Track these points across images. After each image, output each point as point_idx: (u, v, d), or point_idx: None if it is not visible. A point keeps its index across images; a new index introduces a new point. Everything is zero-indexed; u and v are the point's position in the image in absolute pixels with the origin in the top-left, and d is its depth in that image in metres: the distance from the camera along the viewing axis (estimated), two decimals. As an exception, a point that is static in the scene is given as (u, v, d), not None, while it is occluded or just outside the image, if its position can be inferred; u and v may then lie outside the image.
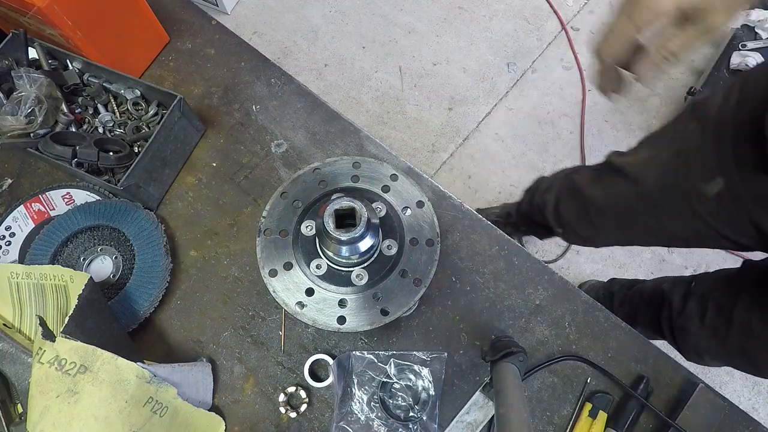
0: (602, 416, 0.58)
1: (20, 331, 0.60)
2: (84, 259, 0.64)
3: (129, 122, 0.70)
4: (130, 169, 0.61)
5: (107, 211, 0.65)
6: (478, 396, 0.59)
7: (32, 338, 0.59)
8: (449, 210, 0.67)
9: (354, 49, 1.66)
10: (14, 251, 0.66)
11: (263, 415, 0.60)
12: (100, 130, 0.70)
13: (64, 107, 0.67)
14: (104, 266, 0.64)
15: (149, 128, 0.70)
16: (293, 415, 0.59)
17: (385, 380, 0.59)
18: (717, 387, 1.31)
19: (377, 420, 0.58)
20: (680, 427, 0.56)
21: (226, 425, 0.59)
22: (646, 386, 0.59)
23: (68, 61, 0.70)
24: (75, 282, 0.58)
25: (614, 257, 1.86)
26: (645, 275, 1.83)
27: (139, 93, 0.70)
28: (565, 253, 1.87)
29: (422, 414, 0.58)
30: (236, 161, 0.71)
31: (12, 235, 0.67)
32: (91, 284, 0.56)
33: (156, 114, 0.71)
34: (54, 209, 0.67)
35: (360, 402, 0.58)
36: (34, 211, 0.67)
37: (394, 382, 0.60)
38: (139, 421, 0.52)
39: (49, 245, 0.64)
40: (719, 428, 0.57)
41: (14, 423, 0.57)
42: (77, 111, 0.69)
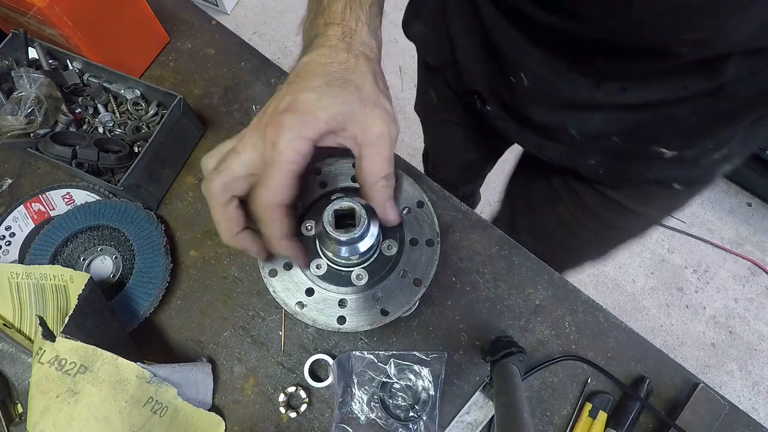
0: (602, 416, 0.58)
1: (20, 331, 0.60)
2: (84, 259, 0.64)
3: (129, 122, 0.70)
4: (130, 169, 0.61)
5: (107, 211, 0.65)
6: (478, 396, 0.59)
7: (32, 338, 0.59)
8: (449, 210, 0.67)
9: (354, 49, 1.66)
10: (14, 251, 0.66)
11: (263, 415, 0.60)
12: (100, 130, 0.70)
13: (64, 107, 0.67)
14: (104, 266, 0.65)
15: (149, 128, 0.70)
16: (293, 415, 0.59)
17: (385, 380, 0.59)
18: (717, 387, 1.31)
19: (377, 420, 0.58)
20: (680, 427, 0.56)
21: (226, 425, 0.59)
22: (646, 386, 0.59)
23: (68, 61, 0.70)
24: (75, 282, 0.58)
25: (614, 257, 1.86)
26: (645, 275, 1.83)
27: (139, 93, 0.70)
28: (565, 253, 1.88)
29: (422, 414, 0.58)
30: (236, 161, 0.71)
31: (12, 235, 0.67)
32: (91, 284, 0.56)
33: (156, 114, 0.71)
34: (54, 209, 0.67)
35: (360, 402, 0.58)
36: (34, 211, 0.67)
37: (394, 382, 0.60)
38: (139, 421, 0.52)
39: (49, 245, 0.64)
40: (719, 428, 0.57)
41: (14, 423, 0.57)
42: (77, 111, 0.69)
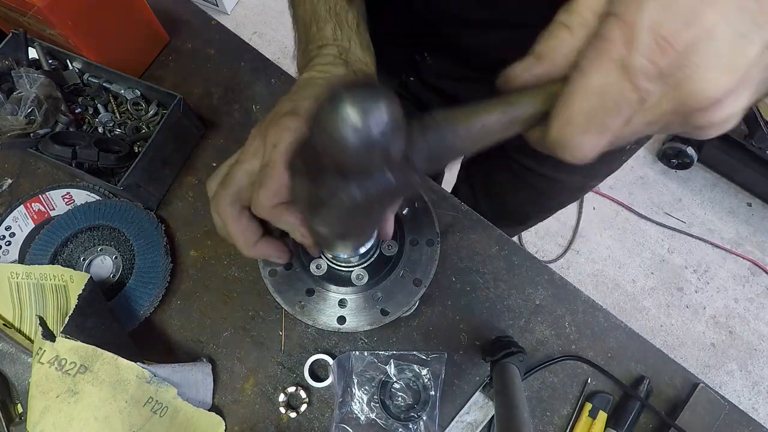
0: (602, 416, 0.58)
1: (20, 331, 0.60)
2: (84, 259, 0.64)
3: (129, 122, 0.70)
4: (130, 169, 0.61)
5: (107, 211, 0.65)
6: (478, 396, 0.59)
7: (32, 338, 0.59)
8: (449, 210, 0.67)
9: (354, 49, 1.66)
10: (14, 251, 0.66)
11: (263, 415, 0.60)
12: (100, 130, 0.70)
13: (64, 107, 0.67)
14: (104, 266, 0.64)
15: (149, 128, 0.70)
16: (293, 415, 0.59)
17: (385, 380, 0.59)
18: (717, 387, 1.31)
19: (377, 420, 0.58)
20: (680, 427, 0.56)
21: (226, 425, 0.59)
22: (646, 386, 0.59)
23: (68, 61, 0.70)
24: (75, 282, 0.58)
25: (614, 257, 1.86)
26: (645, 275, 1.83)
27: (139, 93, 0.70)
28: (565, 253, 1.88)
29: (422, 414, 0.58)
30: (236, 161, 0.71)
31: (12, 235, 0.67)
32: (91, 284, 0.56)
33: (156, 114, 0.71)
34: (54, 209, 0.67)
35: (360, 402, 0.58)
36: (34, 211, 0.67)
37: (394, 382, 0.60)
38: (139, 421, 0.52)
39: (49, 245, 0.64)
40: (719, 428, 0.57)
41: (14, 423, 0.57)
42: (77, 111, 0.69)
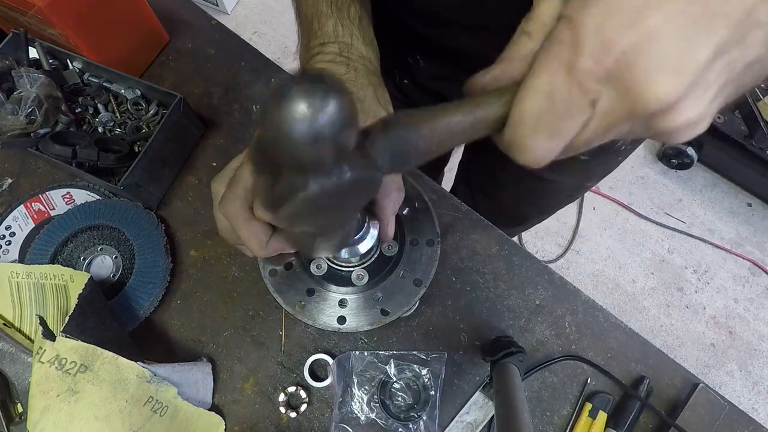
0: (602, 416, 0.58)
1: (20, 331, 0.60)
2: (84, 259, 0.64)
3: (129, 122, 0.70)
4: (130, 169, 0.61)
5: (107, 211, 0.65)
6: (478, 396, 0.59)
7: (32, 338, 0.59)
8: (449, 210, 0.67)
9: (354, 49, 1.66)
10: (14, 251, 0.66)
11: (263, 415, 0.60)
12: (100, 130, 0.70)
13: (64, 107, 0.67)
14: (104, 266, 0.65)
15: (149, 128, 0.70)
16: (293, 415, 0.59)
17: (385, 380, 0.59)
18: (717, 387, 1.31)
19: (377, 420, 0.58)
20: (680, 427, 0.56)
21: (226, 425, 0.59)
22: (646, 386, 0.59)
23: (68, 61, 0.70)
24: (75, 281, 0.58)
25: (614, 257, 1.86)
26: (645, 275, 1.83)
27: (139, 93, 0.70)
28: (565, 253, 1.88)
29: (422, 414, 0.58)
30: (236, 161, 0.71)
31: (12, 235, 0.67)
32: (92, 284, 0.56)
33: (156, 114, 0.71)
34: (54, 209, 0.67)
35: (360, 402, 0.58)
36: (34, 211, 0.67)
37: (394, 382, 0.60)
38: (140, 421, 0.52)
39: (49, 245, 0.64)
40: (719, 428, 0.57)
41: (14, 423, 0.57)
42: (77, 111, 0.69)
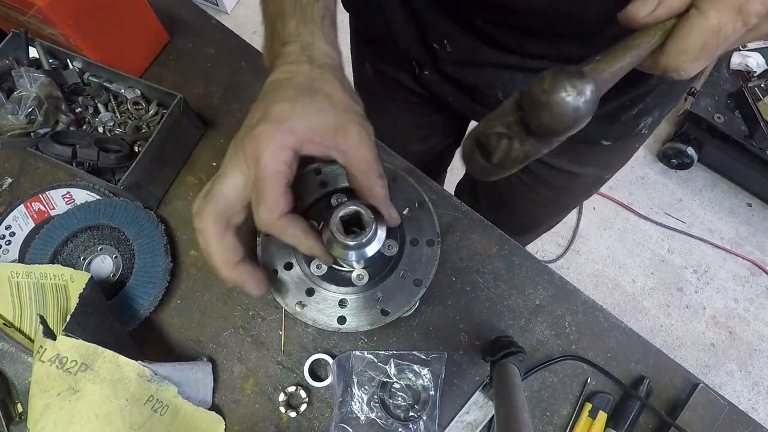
0: (602, 416, 0.58)
1: (20, 331, 0.60)
2: (84, 259, 0.64)
3: (129, 122, 0.70)
4: (130, 169, 0.61)
5: (107, 211, 0.65)
6: (478, 396, 0.59)
7: (32, 337, 0.59)
8: (449, 210, 0.67)
9: (354, 49, 1.66)
10: (14, 250, 0.66)
11: (263, 415, 0.60)
12: (100, 130, 0.70)
13: (65, 107, 0.67)
14: (104, 266, 0.65)
15: (149, 128, 0.70)
16: (293, 415, 0.59)
17: (385, 380, 0.59)
18: (717, 387, 1.31)
19: (377, 420, 0.58)
20: (680, 427, 0.56)
21: (226, 424, 0.59)
22: (646, 386, 0.59)
23: (68, 61, 0.70)
24: (75, 281, 0.58)
25: (614, 257, 1.86)
26: (645, 275, 1.83)
27: (140, 92, 0.70)
28: (565, 253, 1.88)
29: (422, 414, 0.58)
30: (236, 161, 0.71)
31: (12, 235, 0.67)
32: (92, 283, 0.56)
33: (156, 114, 0.71)
34: (54, 209, 0.67)
35: (360, 402, 0.58)
36: (35, 211, 0.67)
37: (394, 382, 0.60)
38: (140, 420, 0.52)
39: (50, 244, 0.64)
40: (719, 428, 0.57)
41: (14, 422, 0.57)
42: (77, 110, 0.69)
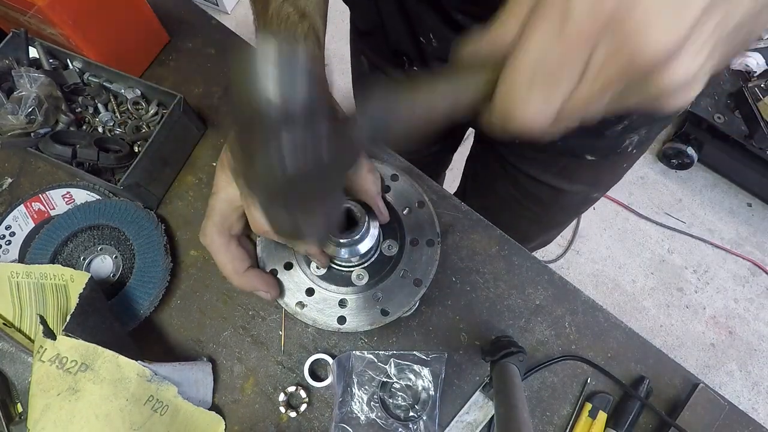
0: (602, 416, 0.58)
1: (20, 331, 0.60)
2: (84, 259, 0.64)
3: (129, 122, 0.70)
4: (130, 169, 0.61)
5: (107, 211, 0.65)
6: (478, 396, 0.59)
7: (32, 337, 0.59)
8: (449, 210, 0.67)
9: (354, 49, 1.66)
10: (14, 250, 0.66)
11: (263, 415, 0.60)
12: (100, 130, 0.70)
13: (65, 107, 0.67)
14: (104, 265, 0.65)
15: (149, 128, 0.70)
16: (293, 415, 0.59)
17: (385, 380, 0.59)
18: (717, 387, 1.31)
19: (377, 420, 0.58)
20: (680, 427, 0.56)
21: (226, 424, 0.59)
22: (646, 386, 0.59)
23: (68, 61, 0.70)
24: (75, 281, 0.58)
25: (614, 257, 1.86)
26: (645, 275, 1.83)
27: (140, 92, 0.70)
28: (565, 253, 1.88)
29: (422, 414, 0.58)
30: (236, 161, 0.71)
31: (12, 235, 0.67)
32: (92, 283, 0.56)
33: (156, 113, 0.71)
34: (54, 208, 0.67)
35: (360, 402, 0.58)
36: (34, 211, 0.67)
37: (394, 382, 0.60)
38: (140, 420, 0.52)
39: (49, 244, 0.64)
40: (719, 428, 0.57)
41: (14, 422, 0.57)
42: (77, 110, 0.69)
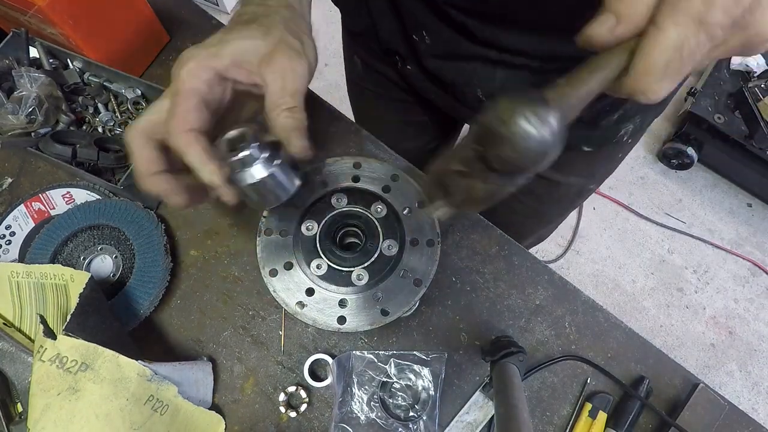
0: (602, 416, 0.58)
1: (20, 330, 0.60)
2: (84, 259, 0.64)
3: (129, 122, 0.70)
4: (131, 169, 0.61)
5: (107, 211, 0.65)
6: (478, 396, 0.59)
7: (32, 337, 0.59)
8: (449, 210, 0.67)
9: (354, 49, 1.66)
10: (14, 250, 0.66)
11: (263, 415, 0.60)
12: (101, 130, 0.70)
13: (65, 106, 0.67)
14: (104, 265, 0.65)
15: (150, 127, 0.70)
16: (293, 415, 0.59)
17: (385, 380, 0.59)
18: (717, 387, 1.31)
19: (377, 420, 0.58)
20: (680, 427, 0.56)
21: (226, 424, 0.59)
22: (646, 386, 0.59)
23: (69, 61, 0.70)
24: (75, 281, 0.58)
25: (614, 257, 1.86)
26: (645, 275, 1.83)
27: (140, 92, 0.70)
28: (565, 253, 1.88)
29: (422, 414, 0.58)
30: (237, 161, 0.71)
31: (12, 234, 0.67)
32: (92, 283, 0.56)
33: (156, 113, 0.71)
34: (54, 208, 0.67)
35: (360, 402, 0.58)
36: (35, 210, 0.67)
37: (394, 382, 0.60)
38: (140, 419, 0.52)
39: (50, 244, 0.64)
40: (719, 428, 0.57)
41: (14, 422, 0.57)
42: (78, 110, 0.69)
